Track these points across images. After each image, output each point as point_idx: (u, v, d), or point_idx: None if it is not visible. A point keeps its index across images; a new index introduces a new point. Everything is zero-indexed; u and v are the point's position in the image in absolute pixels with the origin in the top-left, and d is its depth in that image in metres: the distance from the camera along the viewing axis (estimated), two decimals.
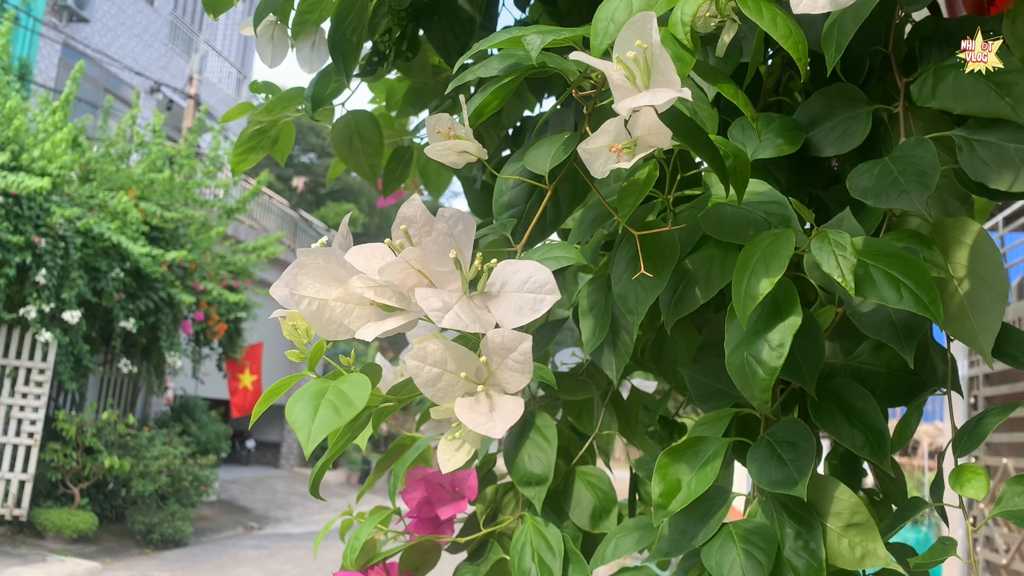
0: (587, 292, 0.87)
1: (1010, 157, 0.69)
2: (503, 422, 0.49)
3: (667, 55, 0.50)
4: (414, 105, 1.20)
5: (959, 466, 0.70)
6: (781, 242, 0.63)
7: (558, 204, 0.69)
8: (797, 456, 0.66)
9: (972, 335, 0.70)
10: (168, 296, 7.14)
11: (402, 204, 0.51)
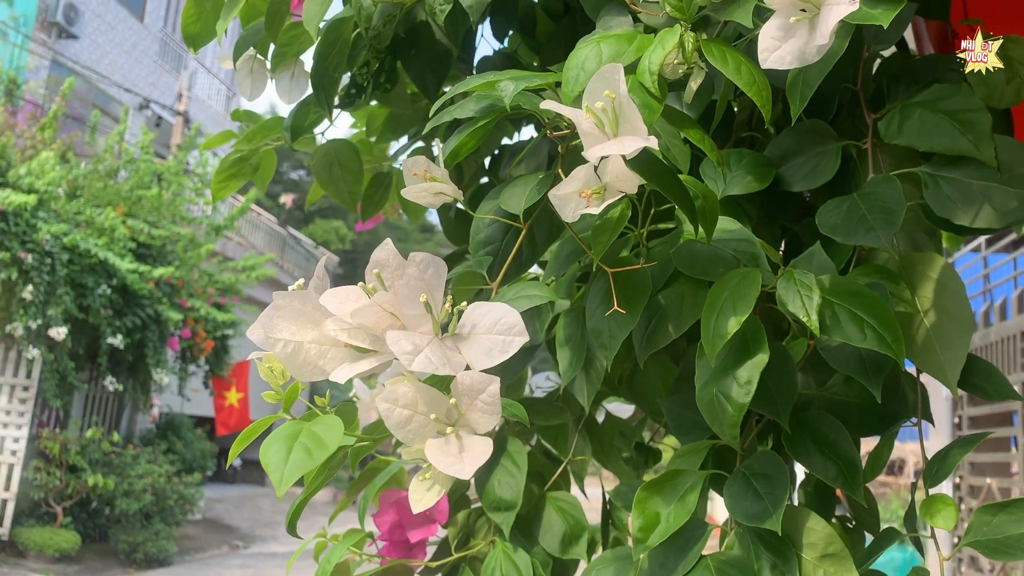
0: (563, 324, 0.88)
1: (974, 193, 0.71)
2: (472, 463, 0.49)
3: (634, 105, 0.51)
4: (393, 131, 1.21)
5: (929, 497, 0.71)
6: (748, 281, 0.64)
7: (534, 242, 0.70)
8: (772, 489, 0.68)
9: (939, 368, 0.71)
10: (155, 313, 7.11)
11: (376, 248, 0.52)
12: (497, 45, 1.12)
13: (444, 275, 0.52)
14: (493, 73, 0.59)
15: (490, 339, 0.52)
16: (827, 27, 0.53)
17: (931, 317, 0.73)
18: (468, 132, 0.61)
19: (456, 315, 0.52)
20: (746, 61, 0.56)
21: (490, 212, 0.68)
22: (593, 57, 0.55)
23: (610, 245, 0.66)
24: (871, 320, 0.62)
